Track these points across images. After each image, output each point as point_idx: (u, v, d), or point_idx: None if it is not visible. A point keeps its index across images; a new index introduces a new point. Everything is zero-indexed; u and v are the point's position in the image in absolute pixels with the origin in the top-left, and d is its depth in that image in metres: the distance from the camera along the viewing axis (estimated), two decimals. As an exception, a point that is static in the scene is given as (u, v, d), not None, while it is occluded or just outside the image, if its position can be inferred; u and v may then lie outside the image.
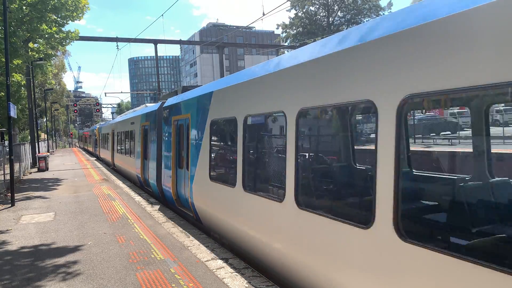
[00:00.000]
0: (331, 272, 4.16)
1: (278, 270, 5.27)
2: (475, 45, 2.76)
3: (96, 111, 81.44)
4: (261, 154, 6.58)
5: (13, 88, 20.30)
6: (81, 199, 12.52)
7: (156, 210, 10.36)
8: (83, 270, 5.93)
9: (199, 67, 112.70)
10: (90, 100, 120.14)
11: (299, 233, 4.67)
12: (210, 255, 6.34)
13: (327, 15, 39.08)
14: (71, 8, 17.33)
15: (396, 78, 3.46)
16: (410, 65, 3.30)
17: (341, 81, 4.18)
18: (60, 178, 18.63)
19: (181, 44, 60.09)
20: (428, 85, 3.08)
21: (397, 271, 3.38)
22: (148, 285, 5.23)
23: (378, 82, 3.65)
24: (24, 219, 9.91)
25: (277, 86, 5.53)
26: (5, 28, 11.63)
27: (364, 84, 3.84)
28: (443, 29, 3.02)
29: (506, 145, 8.62)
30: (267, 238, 5.58)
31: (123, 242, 7.32)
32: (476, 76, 2.74)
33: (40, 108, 42.82)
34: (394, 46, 3.51)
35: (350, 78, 4.05)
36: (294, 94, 5.03)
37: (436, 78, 3.03)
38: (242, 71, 7.48)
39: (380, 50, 3.68)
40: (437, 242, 3.22)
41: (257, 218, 5.90)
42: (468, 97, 3.13)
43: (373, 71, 3.74)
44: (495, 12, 2.69)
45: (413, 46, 3.28)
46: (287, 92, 5.21)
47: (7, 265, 6.37)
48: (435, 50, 3.08)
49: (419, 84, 3.21)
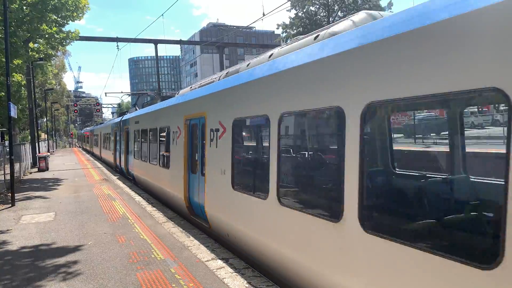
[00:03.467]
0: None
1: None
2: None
3: (97, 111, 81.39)
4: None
5: (14, 88, 20.29)
6: (82, 199, 12.53)
7: (156, 210, 10.36)
8: (83, 270, 5.93)
9: (199, 67, 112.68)
10: (90, 100, 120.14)
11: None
12: (210, 255, 6.35)
13: (327, 15, 39.07)
14: (71, 8, 17.32)
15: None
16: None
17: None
18: (60, 178, 18.63)
19: (181, 44, 60.12)
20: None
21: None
22: (148, 285, 5.24)
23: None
24: (24, 219, 9.91)
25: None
26: (6, 28, 11.64)
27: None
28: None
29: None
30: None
31: (123, 242, 7.33)
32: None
33: (40, 108, 42.81)
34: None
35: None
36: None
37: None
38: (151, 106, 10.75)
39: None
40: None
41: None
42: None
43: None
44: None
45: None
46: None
47: (7, 265, 6.38)
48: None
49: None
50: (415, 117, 4.89)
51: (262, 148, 6.41)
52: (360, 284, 3.87)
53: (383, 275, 3.59)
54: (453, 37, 3.02)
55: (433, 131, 5.26)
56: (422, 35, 3.30)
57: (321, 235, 4.44)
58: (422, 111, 4.76)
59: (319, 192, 5.05)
